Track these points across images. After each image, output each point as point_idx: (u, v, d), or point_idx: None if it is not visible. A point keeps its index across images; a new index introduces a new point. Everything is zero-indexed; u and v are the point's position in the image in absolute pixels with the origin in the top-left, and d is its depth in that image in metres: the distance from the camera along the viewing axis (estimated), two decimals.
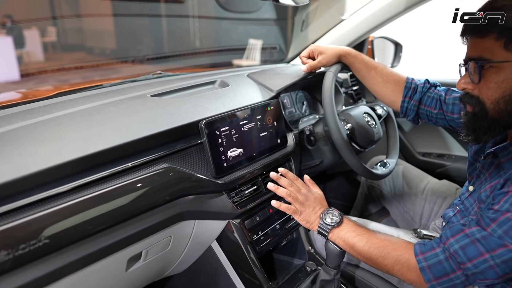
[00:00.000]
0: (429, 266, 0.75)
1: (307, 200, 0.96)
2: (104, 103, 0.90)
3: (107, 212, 0.70)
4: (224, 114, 0.97)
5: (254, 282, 1.04)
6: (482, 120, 0.76)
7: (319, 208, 0.95)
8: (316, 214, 0.94)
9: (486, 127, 0.76)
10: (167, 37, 4.83)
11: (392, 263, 0.79)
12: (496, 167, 0.84)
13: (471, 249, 0.70)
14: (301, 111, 1.48)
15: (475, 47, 0.74)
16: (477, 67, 0.73)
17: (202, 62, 3.47)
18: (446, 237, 0.76)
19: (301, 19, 1.91)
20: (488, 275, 0.69)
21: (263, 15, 3.80)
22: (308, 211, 0.95)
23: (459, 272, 0.72)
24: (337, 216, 0.91)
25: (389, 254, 0.80)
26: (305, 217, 0.94)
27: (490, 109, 0.74)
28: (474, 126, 0.78)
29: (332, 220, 0.90)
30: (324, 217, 0.91)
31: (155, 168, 0.81)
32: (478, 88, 0.76)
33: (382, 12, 1.41)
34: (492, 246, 0.68)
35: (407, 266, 0.78)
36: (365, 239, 0.85)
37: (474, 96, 0.77)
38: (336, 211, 0.93)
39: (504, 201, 0.70)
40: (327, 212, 0.93)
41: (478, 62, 0.73)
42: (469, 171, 0.98)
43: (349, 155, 1.10)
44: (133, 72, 3.17)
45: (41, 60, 4.38)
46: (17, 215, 0.60)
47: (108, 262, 0.74)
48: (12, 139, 0.69)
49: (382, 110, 1.39)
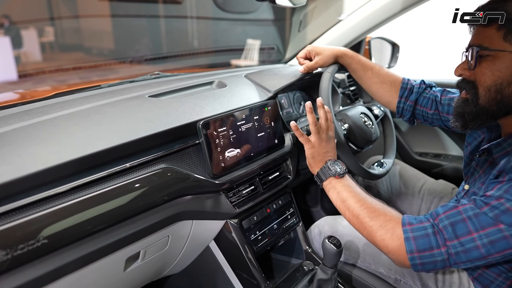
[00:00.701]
0: (414, 238, 0.73)
1: (326, 142, 0.96)
2: (102, 104, 0.91)
3: (105, 212, 0.70)
4: (221, 114, 0.97)
5: (251, 281, 1.04)
6: (471, 105, 0.79)
7: (330, 155, 0.96)
8: (324, 158, 0.95)
9: (474, 113, 0.79)
10: (165, 38, 4.83)
11: (377, 226, 0.78)
12: (490, 164, 0.85)
13: (460, 227, 0.70)
14: (299, 111, 1.49)
15: (477, 35, 0.77)
16: (475, 54, 0.76)
17: (200, 63, 3.47)
18: (437, 213, 0.75)
19: (299, 20, 1.91)
20: (472, 255, 0.68)
21: (260, 16, 3.80)
22: (319, 150, 0.95)
23: (444, 249, 0.70)
24: (342, 169, 0.91)
25: (377, 217, 0.79)
26: (314, 153, 0.95)
27: (482, 95, 0.77)
28: (463, 111, 0.80)
29: (335, 170, 0.91)
30: (331, 164, 0.92)
31: (153, 168, 0.81)
32: (474, 74, 0.78)
33: (379, 13, 1.42)
34: (483, 224, 0.68)
35: (391, 233, 0.76)
36: (359, 198, 0.85)
37: (470, 81, 0.79)
38: (343, 165, 0.93)
39: (498, 188, 0.70)
40: (334, 161, 0.93)
41: (476, 48, 0.76)
42: (465, 171, 0.99)
43: (347, 155, 1.10)
44: (131, 72, 3.17)
45: (39, 60, 4.36)
46: (16, 215, 0.60)
47: (106, 262, 0.75)
48: (11, 140, 0.69)
49: (379, 110, 1.40)
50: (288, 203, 1.21)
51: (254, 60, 4.26)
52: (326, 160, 0.94)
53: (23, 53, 4.30)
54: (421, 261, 0.72)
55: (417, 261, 0.72)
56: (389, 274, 1.02)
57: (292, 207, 1.21)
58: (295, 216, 1.21)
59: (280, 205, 1.17)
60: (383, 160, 1.34)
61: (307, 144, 0.96)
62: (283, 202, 1.18)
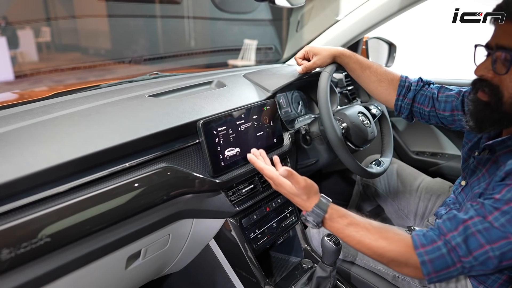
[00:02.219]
0: (430, 260, 0.72)
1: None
2: (103, 103, 0.91)
3: (107, 211, 0.71)
4: (221, 114, 0.98)
5: (251, 280, 1.05)
6: (495, 112, 0.74)
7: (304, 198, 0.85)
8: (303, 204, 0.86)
9: (496, 120, 0.75)
10: (162, 38, 4.82)
11: (388, 260, 0.76)
12: (493, 162, 0.83)
13: (472, 241, 0.69)
14: (297, 110, 1.50)
15: (509, 35, 0.70)
16: (509, 58, 0.69)
17: (197, 63, 3.48)
18: (447, 229, 0.73)
19: (296, 20, 1.92)
20: (485, 267, 0.69)
21: (258, 16, 3.81)
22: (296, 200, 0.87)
23: (459, 265, 0.71)
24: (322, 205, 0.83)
25: (384, 250, 0.76)
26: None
27: (508, 102, 0.72)
28: (483, 117, 0.76)
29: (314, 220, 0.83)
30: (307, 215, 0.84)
31: (153, 167, 0.82)
32: (500, 78, 0.72)
33: (376, 13, 1.43)
34: (493, 238, 0.67)
35: (405, 261, 0.74)
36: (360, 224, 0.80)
37: (493, 85, 0.74)
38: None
39: (507, 191, 0.68)
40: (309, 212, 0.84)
41: (510, 52, 0.69)
42: (462, 167, 1.00)
43: (345, 154, 1.11)
44: (128, 72, 3.16)
45: (36, 60, 4.35)
46: (19, 214, 0.61)
47: (108, 260, 0.75)
48: (12, 139, 0.70)
49: (376, 109, 1.41)
50: (287, 201, 1.21)
51: (251, 60, 4.27)
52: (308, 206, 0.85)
53: (20, 53, 4.29)
54: (438, 279, 0.73)
55: (434, 279, 0.73)
56: (387, 271, 1.03)
57: (291, 206, 1.22)
58: (294, 215, 1.22)
59: (279, 203, 1.18)
60: (380, 159, 1.35)
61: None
62: (282, 201, 1.19)
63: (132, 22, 4.42)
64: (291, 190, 0.84)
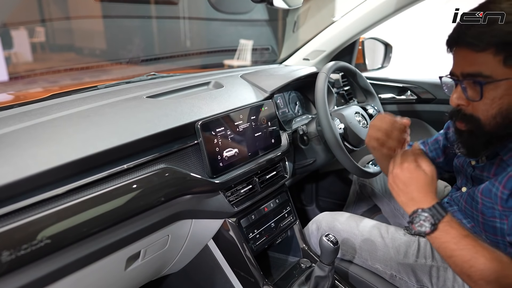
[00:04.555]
0: None
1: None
2: (101, 105, 0.91)
3: (106, 212, 0.71)
4: (219, 115, 0.98)
5: (250, 279, 1.06)
6: (480, 137, 0.74)
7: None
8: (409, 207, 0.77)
9: (485, 142, 0.75)
10: (158, 38, 4.81)
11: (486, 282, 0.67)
12: (498, 165, 0.82)
13: None
14: (294, 111, 1.51)
15: (470, 62, 0.71)
16: (478, 85, 0.70)
17: (193, 64, 3.47)
18: None
19: (293, 20, 1.93)
20: None
21: (255, 16, 3.81)
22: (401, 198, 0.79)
23: None
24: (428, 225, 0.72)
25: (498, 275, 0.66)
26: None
27: (486, 124, 0.73)
28: (472, 143, 0.77)
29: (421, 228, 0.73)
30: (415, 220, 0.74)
31: (152, 168, 0.82)
32: (472, 105, 0.73)
33: (373, 14, 1.44)
34: None
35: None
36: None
37: (466, 114, 0.74)
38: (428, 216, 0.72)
39: None
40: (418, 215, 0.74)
41: (477, 79, 0.69)
42: (458, 175, 0.99)
43: (342, 154, 1.12)
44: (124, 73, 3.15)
45: (30, 60, 4.32)
46: (19, 216, 0.61)
47: (108, 261, 0.75)
48: (11, 141, 0.70)
49: (373, 109, 1.42)
50: (285, 201, 1.22)
51: (247, 61, 4.27)
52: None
53: (14, 53, 4.25)
54: None
55: None
56: (385, 270, 1.04)
57: (289, 206, 1.23)
58: (292, 215, 1.23)
59: (277, 203, 1.19)
60: None
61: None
62: (280, 201, 1.20)
63: (127, 22, 4.40)
64: (419, 177, 0.73)
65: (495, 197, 0.79)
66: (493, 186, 0.80)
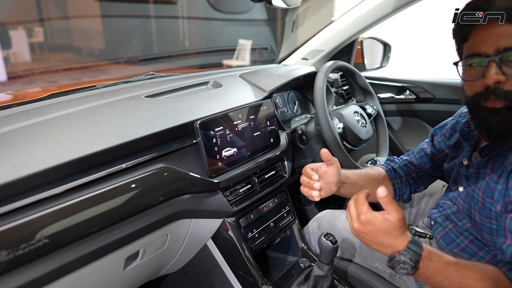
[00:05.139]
0: None
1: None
2: (100, 104, 0.91)
3: (105, 211, 0.71)
4: (218, 114, 0.98)
5: (249, 279, 1.06)
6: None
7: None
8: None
9: None
10: (157, 38, 4.80)
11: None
12: (494, 160, 0.82)
13: None
14: (293, 110, 1.51)
15: (503, 35, 0.71)
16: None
17: (192, 63, 3.47)
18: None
19: (292, 20, 1.93)
20: None
21: (254, 16, 3.81)
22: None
23: None
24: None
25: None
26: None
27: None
28: (509, 123, 0.74)
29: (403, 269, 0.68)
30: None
31: (151, 168, 0.82)
32: (508, 79, 0.72)
33: (372, 14, 1.44)
34: None
35: None
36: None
37: (505, 89, 0.72)
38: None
39: None
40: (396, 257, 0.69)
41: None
42: (452, 176, 0.99)
43: (341, 153, 1.12)
44: (122, 73, 3.14)
45: (29, 60, 4.31)
46: (17, 216, 0.61)
47: (106, 261, 0.75)
48: (9, 140, 0.69)
49: (372, 109, 1.42)
50: (284, 201, 1.22)
51: (246, 60, 4.27)
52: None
53: (12, 53, 4.24)
54: None
55: None
56: (384, 268, 1.04)
57: (288, 205, 1.23)
58: (291, 214, 1.23)
59: (276, 203, 1.19)
60: (376, 158, 1.36)
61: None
62: (279, 201, 1.20)
63: (126, 22, 4.40)
64: (382, 226, 0.69)
65: (498, 197, 0.78)
66: (497, 184, 0.79)
